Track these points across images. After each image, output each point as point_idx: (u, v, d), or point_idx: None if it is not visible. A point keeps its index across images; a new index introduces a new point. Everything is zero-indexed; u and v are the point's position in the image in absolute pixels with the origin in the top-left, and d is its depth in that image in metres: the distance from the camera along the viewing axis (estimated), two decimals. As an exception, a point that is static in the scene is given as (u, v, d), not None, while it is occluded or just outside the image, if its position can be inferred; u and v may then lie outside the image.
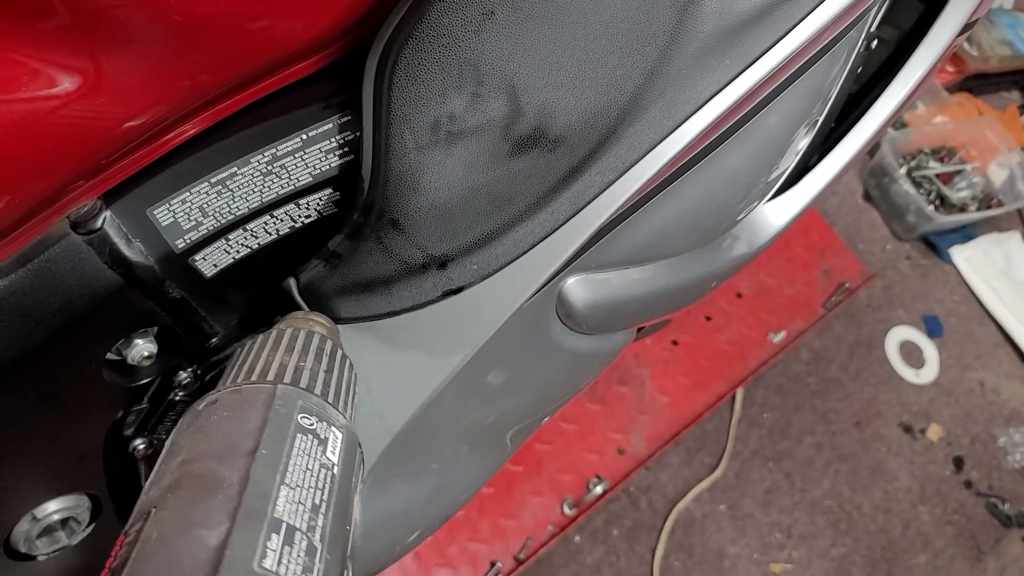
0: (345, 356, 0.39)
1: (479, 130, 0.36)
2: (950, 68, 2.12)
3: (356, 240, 0.41)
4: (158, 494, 0.27)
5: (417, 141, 0.37)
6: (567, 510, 1.23)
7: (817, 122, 0.54)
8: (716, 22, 0.35)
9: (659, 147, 0.37)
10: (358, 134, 0.40)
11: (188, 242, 0.40)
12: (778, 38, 0.37)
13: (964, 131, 1.99)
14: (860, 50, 0.54)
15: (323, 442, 0.31)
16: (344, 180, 0.42)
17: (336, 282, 0.43)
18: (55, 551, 0.50)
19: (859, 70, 0.63)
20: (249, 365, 0.35)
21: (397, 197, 0.38)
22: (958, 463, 1.62)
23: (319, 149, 0.40)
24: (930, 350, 1.76)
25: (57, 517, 0.48)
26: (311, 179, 0.41)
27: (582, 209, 0.39)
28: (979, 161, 1.97)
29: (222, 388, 0.33)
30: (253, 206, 0.41)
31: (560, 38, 0.34)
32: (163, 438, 0.50)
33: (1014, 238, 1.98)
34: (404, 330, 0.43)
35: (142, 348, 0.43)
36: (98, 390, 0.43)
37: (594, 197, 0.38)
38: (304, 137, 0.39)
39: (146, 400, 0.47)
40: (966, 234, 1.95)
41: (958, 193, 1.92)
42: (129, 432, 0.48)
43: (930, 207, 1.84)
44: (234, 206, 0.40)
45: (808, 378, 1.64)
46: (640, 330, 0.67)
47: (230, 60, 0.32)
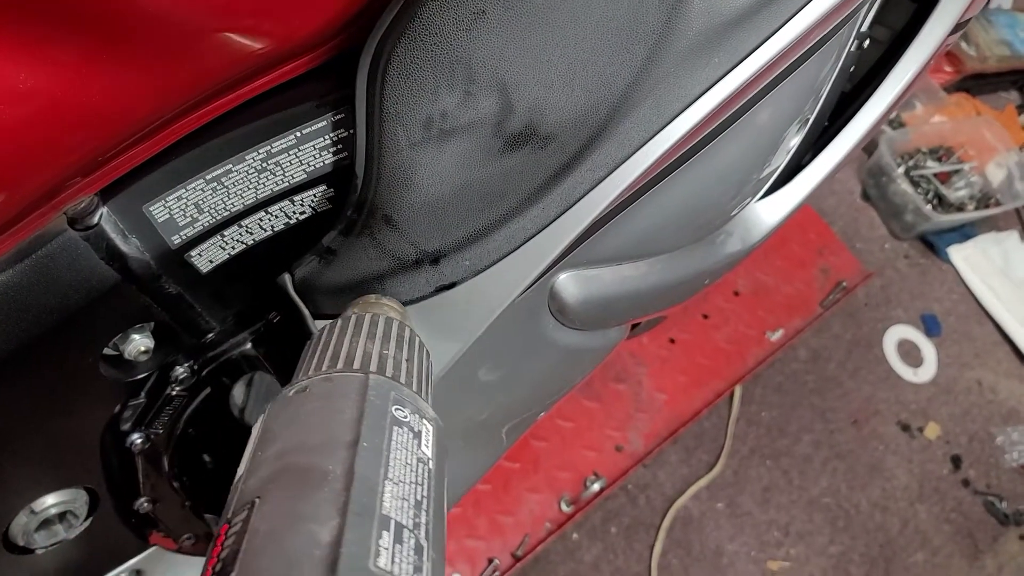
0: (422, 343, 0.38)
1: (471, 127, 0.37)
2: (948, 68, 2.12)
3: (350, 236, 0.42)
4: (258, 485, 0.26)
5: (410, 138, 0.37)
6: (565, 507, 1.24)
7: (808, 120, 0.54)
8: (704, 21, 0.35)
9: (648, 144, 0.38)
10: (351, 131, 0.40)
11: (184, 238, 0.40)
12: (766, 37, 0.37)
13: (962, 131, 1.99)
14: (851, 49, 0.54)
15: (417, 435, 0.30)
16: (338, 177, 0.43)
17: (330, 278, 0.43)
18: (53, 544, 0.50)
19: (851, 69, 0.63)
20: (332, 352, 0.34)
21: (390, 194, 0.39)
22: (956, 461, 1.63)
23: (313, 146, 0.40)
24: (928, 349, 1.76)
25: (55, 511, 0.48)
26: (305, 176, 0.42)
27: (573, 205, 0.39)
28: (977, 161, 1.97)
29: (307, 376, 0.32)
30: (248, 203, 0.41)
31: (550, 37, 0.34)
32: (160, 432, 0.50)
33: (1012, 237, 1.98)
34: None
35: (139, 343, 0.44)
36: (95, 385, 0.44)
37: (585, 193, 0.39)
38: (298, 134, 0.39)
39: (143, 395, 0.48)
40: (964, 233, 1.96)
41: (956, 192, 1.93)
42: (126, 427, 0.48)
43: (928, 206, 1.84)
44: (229, 203, 0.40)
45: (806, 376, 1.64)
46: (635, 327, 0.67)
47: (225, 58, 0.32)
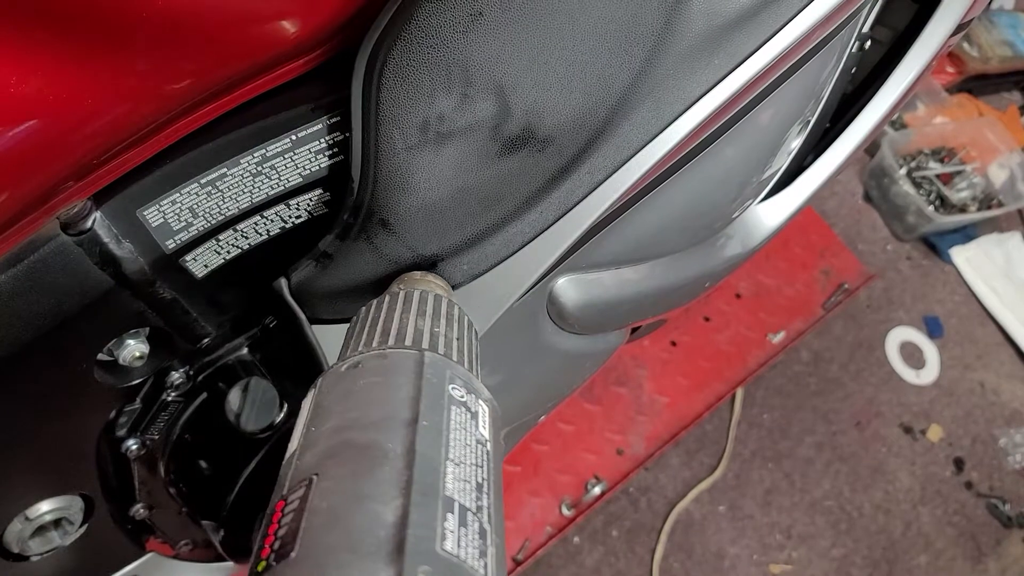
0: (471, 322, 0.37)
1: (468, 130, 0.36)
2: (950, 69, 2.12)
3: (346, 240, 0.41)
4: (315, 460, 0.25)
5: (406, 141, 0.37)
6: (565, 511, 1.23)
7: (809, 122, 0.54)
8: (704, 22, 0.35)
9: (648, 147, 0.37)
10: (347, 135, 0.40)
11: (178, 243, 0.40)
12: (767, 38, 0.37)
13: (964, 132, 1.99)
14: (853, 50, 0.54)
15: (474, 416, 0.29)
16: (334, 181, 0.42)
17: (327, 282, 0.43)
18: (48, 551, 0.50)
19: (853, 70, 0.63)
20: (383, 327, 0.33)
21: (387, 197, 0.39)
22: (959, 464, 1.62)
23: (309, 150, 0.40)
24: (930, 351, 1.76)
25: (50, 517, 0.48)
26: (301, 180, 0.41)
27: (571, 209, 0.39)
28: (979, 162, 1.96)
29: (357, 352, 0.31)
30: (243, 207, 0.41)
31: (548, 39, 0.34)
32: (156, 438, 0.50)
33: (1014, 238, 1.98)
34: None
35: (134, 348, 0.43)
36: (90, 391, 0.43)
37: (583, 197, 0.38)
38: (294, 138, 0.39)
39: (138, 400, 0.47)
40: (966, 234, 1.95)
41: (958, 194, 1.92)
42: (122, 432, 0.48)
43: (930, 208, 1.84)
44: (224, 207, 0.40)
45: (808, 378, 1.63)
46: (635, 331, 0.67)
47: (220, 61, 0.32)
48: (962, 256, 1.92)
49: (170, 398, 0.48)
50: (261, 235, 0.44)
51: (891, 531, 1.50)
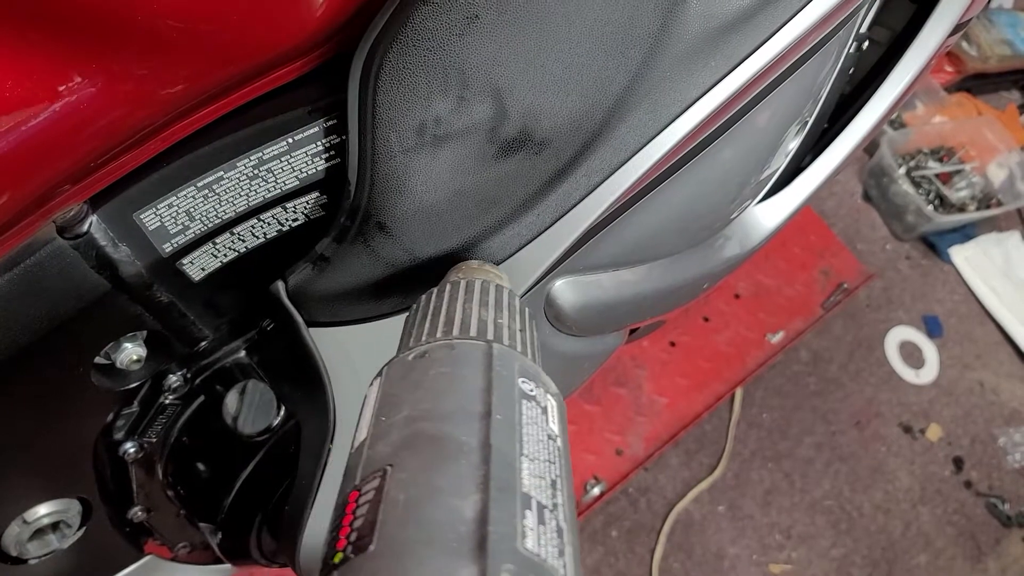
0: (532, 314, 0.36)
1: (465, 133, 0.36)
2: (949, 68, 2.12)
3: (343, 243, 0.41)
4: (389, 451, 0.25)
5: (403, 144, 0.37)
6: (565, 512, 1.23)
7: (807, 123, 0.54)
8: (701, 24, 0.35)
9: (645, 149, 0.37)
10: (344, 138, 0.40)
11: (175, 246, 0.40)
12: (764, 40, 0.37)
13: (963, 131, 1.99)
14: (851, 51, 0.54)
15: (544, 410, 0.28)
16: (331, 183, 0.42)
17: (324, 285, 0.43)
18: (46, 555, 0.50)
19: (851, 71, 0.63)
20: (446, 317, 0.32)
21: (383, 200, 0.38)
22: (958, 463, 1.62)
23: (305, 153, 0.40)
24: (930, 350, 1.76)
25: (48, 521, 0.48)
26: (297, 183, 0.41)
27: (569, 211, 0.39)
28: (978, 161, 1.96)
29: (422, 341, 0.30)
30: (240, 210, 0.41)
31: (544, 41, 0.34)
32: (153, 441, 0.50)
33: (1014, 238, 1.98)
34: (393, 333, 0.43)
35: (131, 352, 0.43)
36: (87, 394, 0.43)
37: (580, 199, 0.38)
38: (290, 141, 0.39)
39: (136, 403, 0.47)
40: (965, 234, 1.95)
41: (957, 193, 1.92)
42: (119, 436, 0.48)
43: (929, 207, 1.84)
44: (221, 210, 0.40)
45: (807, 378, 1.63)
46: (633, 332, 0.67)
47: (216, 65, 0.32)
48: (961, 255, 1.92)
49: (167, 401, 0.48)
50: (258, 238, 0.43)
51: (891, 531, 1.50)
